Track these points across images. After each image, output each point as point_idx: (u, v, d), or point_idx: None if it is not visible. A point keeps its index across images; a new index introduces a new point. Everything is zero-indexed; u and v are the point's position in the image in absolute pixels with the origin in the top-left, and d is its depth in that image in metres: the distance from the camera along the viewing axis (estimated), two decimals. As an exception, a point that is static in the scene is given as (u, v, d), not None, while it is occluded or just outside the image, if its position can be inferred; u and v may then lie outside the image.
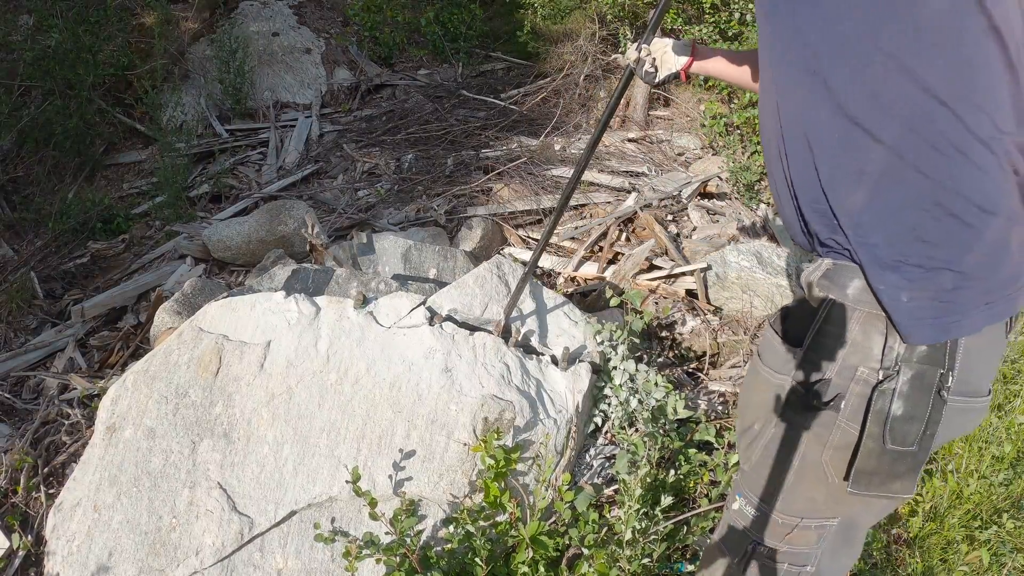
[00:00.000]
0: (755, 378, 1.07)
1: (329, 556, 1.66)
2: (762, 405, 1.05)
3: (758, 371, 1.06)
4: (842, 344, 0.92)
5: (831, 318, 0.94)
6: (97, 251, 3.74)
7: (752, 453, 1.07)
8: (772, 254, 2.92)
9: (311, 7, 6.20)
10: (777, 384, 1.01)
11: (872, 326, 0.90)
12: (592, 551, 1.56)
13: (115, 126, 4.86)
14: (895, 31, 0.81)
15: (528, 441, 1.80)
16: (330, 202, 3.99)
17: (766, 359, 1.05)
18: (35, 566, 1.87)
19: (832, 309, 0.93)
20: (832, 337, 0.93)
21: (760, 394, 1.05)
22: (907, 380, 0.88)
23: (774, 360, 1.03)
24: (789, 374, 0.99)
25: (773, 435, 1.03)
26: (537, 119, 4.72)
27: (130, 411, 1.84)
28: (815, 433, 0.97)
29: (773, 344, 1.04)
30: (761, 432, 1.05)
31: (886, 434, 0.89)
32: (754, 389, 1.08)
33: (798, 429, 0.99)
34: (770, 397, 1.03)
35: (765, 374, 1.04)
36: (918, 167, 0.84)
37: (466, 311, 2.06)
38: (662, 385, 2.03)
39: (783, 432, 1.01)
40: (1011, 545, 1.92)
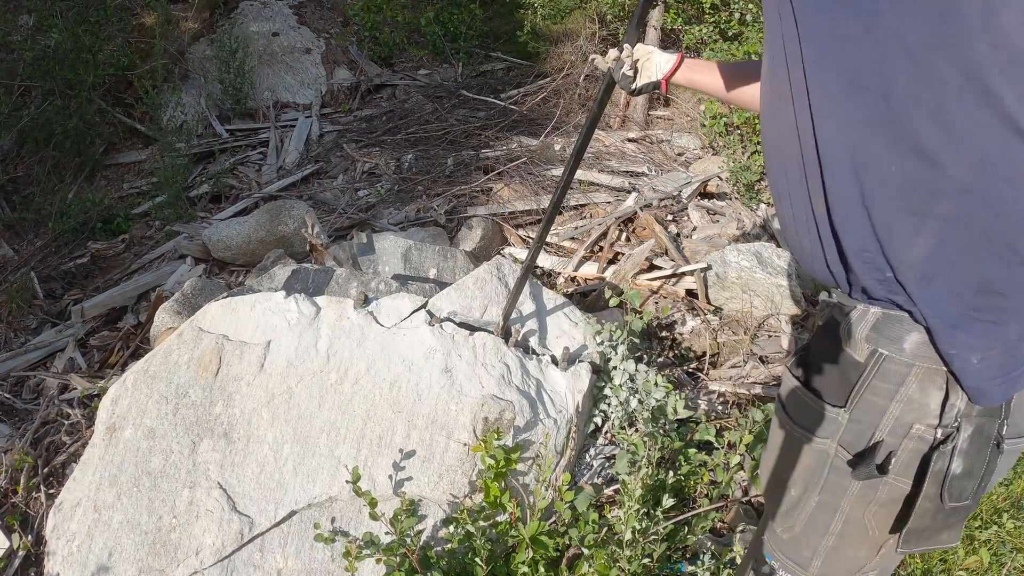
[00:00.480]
0: (788, 440, 0.97)
1: (329, 556, 1.66)
2: (801, 470, 0.96)
3: (791, 433, 0.96)
4: (895, 402, 0.83)
5: (883, 374, 0.83)
6: (97, 251, 3.74)
7: (793, 522, 0.99)
8: (772, 254, 2.92)
9: (311, 7, 6.20)
10: (819, 449, 0.92)
11: (931, 382, 0.82)
12: (592, 551, 1.56)
13: (115, 126, 4.86)
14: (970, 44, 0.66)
15: (528, 441, 1.80)
16: (330, 202, 3.99)
17: (799, 419, 0.94)
18: (35, 566, 1.87)
19: (884, 364, 0.83)
20: (884, 395, 0.84)
21: (798, 457, 0.96)
22: (967, 436, 0.82)
23: (810, 421, 0.92)
24: (831, 437, 0.90)
25: (818, 502, 0.94)
26: (537, 119, 4.73)
27: (130, 411, 1.84)
28: (861, 494, 0.90)
29: (806, 402, 0.93)
30: (803, 500, 0.96)
31: (944, 493, 0.84)
32: (788, 451, 0.98)
33: (843, 492, 0.91)
34: (811, 462, 0.94)
35: (800, 436, 0.94)
36: (992, 206, 0.72)
37: (465, 313, 2.06)
38: (662, 385, 2.03)
39: (828, 498, 0.93)
40: (1011, 545, 1.93)
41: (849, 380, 0.86)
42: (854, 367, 0.86)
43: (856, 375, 0.85)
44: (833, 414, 0.89)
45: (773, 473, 1.03)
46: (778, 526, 1.03)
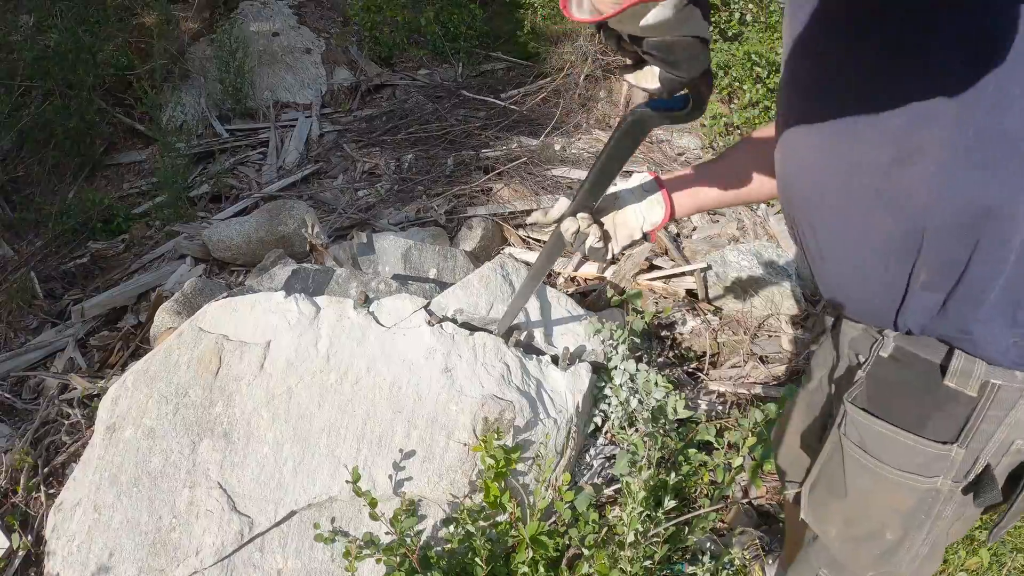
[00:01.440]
0: (880, 483, 0.93)
1: (329, 556, 1.66)
2: (897, 511, 0.93)
3: (884, 477, 0.92)
4: (1004, 425, 0.84)
5: (997, 403, 0.83)
6: (97, 251, 3.74)
7: (891, 565, 0.98)
8: (772, 254, 2.92)
9: (311, 7, 6.20)
10: (926, 488, 0.90)
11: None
12: (592, 551, 1.56)
13: (115, 126, 4.86)
14: None
15: (528, 441, 1.80)
16: (330, 202, 3.99)
17: (894, 461, 0.91)
18: (35, 566, 1.87)
19: (999, 394, 0.83)
20: (995, 422, 0.84)
21: (893, 501, 0.93)
22: None
23: (912, 461, 0.90)
24: (942, 474, 0.88)
25: (924, 540, 0.94)
26: (537, 119, 4.72)
27: (130, 411, 1.84)
28: (953, 515, 0.92)
29: (901, 441, 0.90)
30: (905, 541, 0.95)
31: None
32: (880, 495, 0.94)
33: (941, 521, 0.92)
34: (911, 503, 0.91)
35: (898, 479, 0.91)
36: None
37: (471, 311, 2.06)
38: (662, 385, 2.03)
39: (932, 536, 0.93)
40: (1011, 545, 1.92)
41: (957, 415, 0.85)
42: (965, 402, 0.84)
43: (968, 409, 0.85)
44: (945, 451, 0.87)
45: (857, 521, 1.00)
46: (869, 571, 1.01)
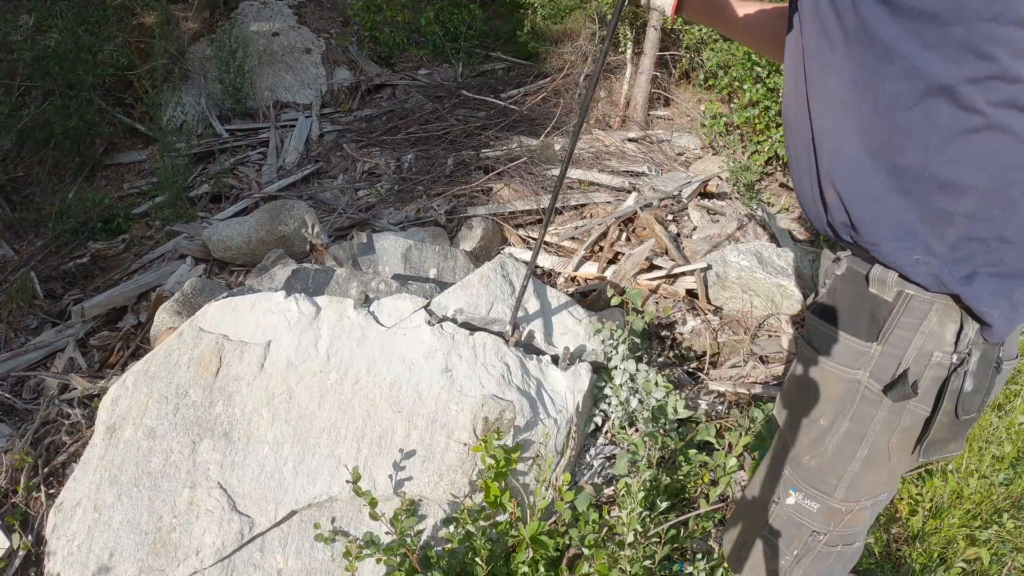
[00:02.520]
0: (820, 373, 1.06)
1: (329, 556, 1.66)
2: (831, 400, 1.05)
3: (822, 367, 1.06)
4: (919, 334, 0.95)
5: (910, 310, 0.95)
6: (97, 251, 3.74)
7: (822, 448, 1.08)
8: (772, 254, 2.92)
9: (311, 7, 6.20)
10: (850, 379, 1.02)
11: (948, 316, 0.94)
12: (592, 551, 1.56)
13: (115, 126, 4.86)
14: None
15: (528, 441, 1.80)
16: (330, 202, 3.99)
17: (831, 354, 1.05)
18: (35, 566, 1.87)
19: (911, 302, 0.95)
20: (909, 328, 0.96)
21: (828, 389, 1.06)
22: (976, 360, 0.94)
23: (843, 355, 1.03)
24: (864, 368, 1.00)
25: (847, 430, 1.04)
26: (537, 119, 4.72)
27: (130, 411, 1.84)
28: (886, 421, 1.01)
29: (837, 338, 1.04)
30: (833, 427, 1.06)
31: (958, 408, 0.96)
32: (819, 384, 1.08)
33: (870, 420, 1.02)
34: (841, 392, 1.04)
35: (833, 370, 1.04)
36: None
37: (472, 311, 2.06)
38: (662, 385, 2.03)
39: (855, 426, 1.03)
40: (1011, 545, 1.92)
41: (878, 318, 0.98)
42: (883, 306, 0.97)
43: (886, 312, 0.97)
44: (865, 347, 1.00)
45: (799, 407, 1.12)
46: (805, 454, 1.11)
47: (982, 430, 2.21)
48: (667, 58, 4.85)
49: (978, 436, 2.19)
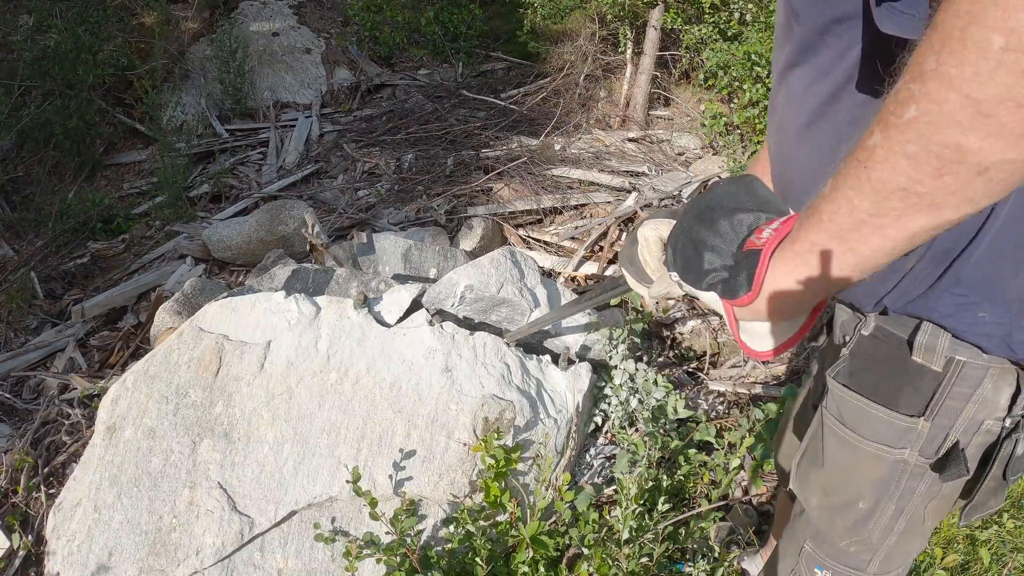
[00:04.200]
0: (857, 453, 0.95)
1: (329, 556, 1.66)
2: (870, 482, 0.95)
3: (857, 448, 0.95)
4: (971, 403, 0.85)
5: (963, 380, 0.84)
6: (97, 251, 3.74)
7: (866, 535, 0.99)
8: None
9: (311, 7, 6.20)
10: (895, 459, 0.92)
11: (1004, 380, 0.84)
12: (592, 551, 1.56)
13: (115, 126, 4.86)
14: None
15: (528, 441, 1.80)
16: (330, 202, 3.99)
17: (867, 433, 0.93)
18: (35, 566, 1.87)
19: (964, 370, 0.83)
20: (961, 399, 0.85)
21: (868, 471, 0.95)
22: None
23: (885, 433, 0.91)
24: (910, 447, 0.90)
25: (894, 511, 0.96)
26: (537, 119, 4.73)
27: (130, 411, 1.84)
28: (927, 492, 0.93)
29: (873, 414, 0.92)
30: (876, 510, 0.97)
31: (1007, 473, 0.88)
32: (854, 466, 0.97)
33: (911, 494, 0.94)
34: (884, 473, 0.94)
35: (874, 450, 0.93)
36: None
37: (482, 288, 2.07)
38: (662, 385, 2.03)
39: (900, 503, 0.95)
40: (1011, 545, 1.92)
41: (924, 389, 0.86)
42: (930, 377, 0.85)
43: (934, 384, 0.85)
44: (912, 424, 0.89)
45: (834, 490, 1.02)
46: (842, 540, 1.02)
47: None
48: (667, 58, 4.85)
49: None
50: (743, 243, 0.69)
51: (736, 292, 0.67)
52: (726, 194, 0.77)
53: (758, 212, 0.73)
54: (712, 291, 0.71)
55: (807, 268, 0.62)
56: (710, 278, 0.71)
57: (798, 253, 0.62)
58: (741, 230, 0.72)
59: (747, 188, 0.77)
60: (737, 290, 0.66)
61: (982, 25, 0.43)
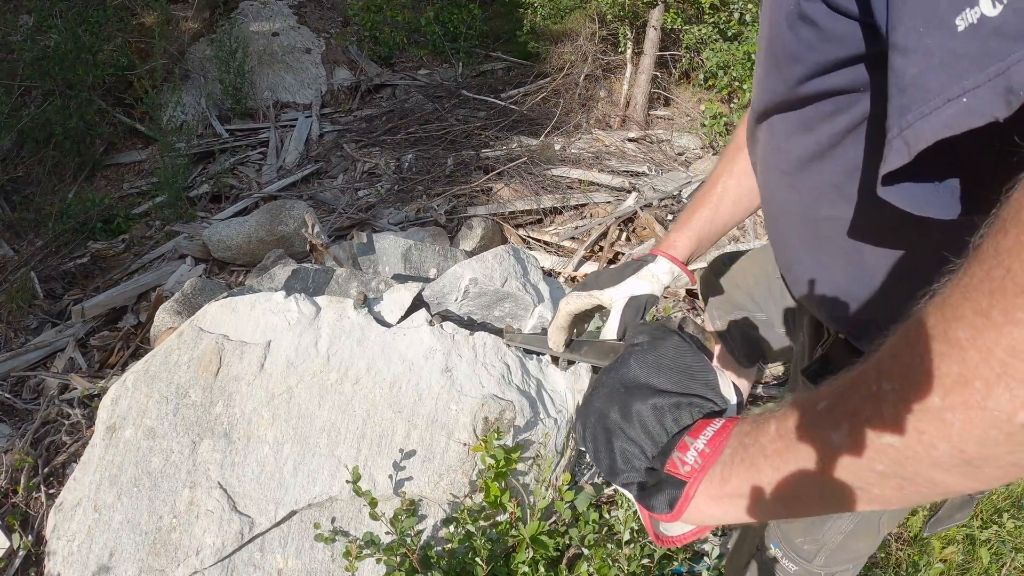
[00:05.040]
0: None
1: (329, 556, 1.66)
2: None
3: None
4: None
5: None
6: (97, 251, 3.74)
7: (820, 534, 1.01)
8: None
9: (311, 7, 6.20)
10: None
11: None
12: (592, 551, 1.56)
13: (115, 126, 4.86)
14: None
15: (528, 441, 1.80)
16: (330, 202, 3.99)
17: None
18: (35, 566, 1.87)
19: None
20: None
21: None
22: None
23: None
24: None
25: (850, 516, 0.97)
26: (537, 119, 4.73)
27: (130, 411, 1.84)
28: None
29: None
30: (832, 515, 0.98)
31: None
32: None
33: None
34: None
35: None
36: None
37: (487, 282, 2.07)
38: (662, 385, 2.02)
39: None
40: (1011, 545, 1.92)
41: None
42: None
43: None
44: None
45: None
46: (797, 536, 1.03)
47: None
48: (667, 58, 4.85)
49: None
50: (667, 453, 0.59)
51: (652, 508, 0.59)
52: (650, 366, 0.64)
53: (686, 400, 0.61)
54: (627, 491, 0.63)
55: (734, 509, 0.56)
56: (623, 478, 0.62)
57: (728, 495, 0.55)
58: (660, 429, 0.60)
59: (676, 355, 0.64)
60: (654, 507, 0.59)
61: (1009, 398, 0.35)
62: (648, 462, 0.60)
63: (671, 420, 0.60)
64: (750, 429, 0.53)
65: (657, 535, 0.63)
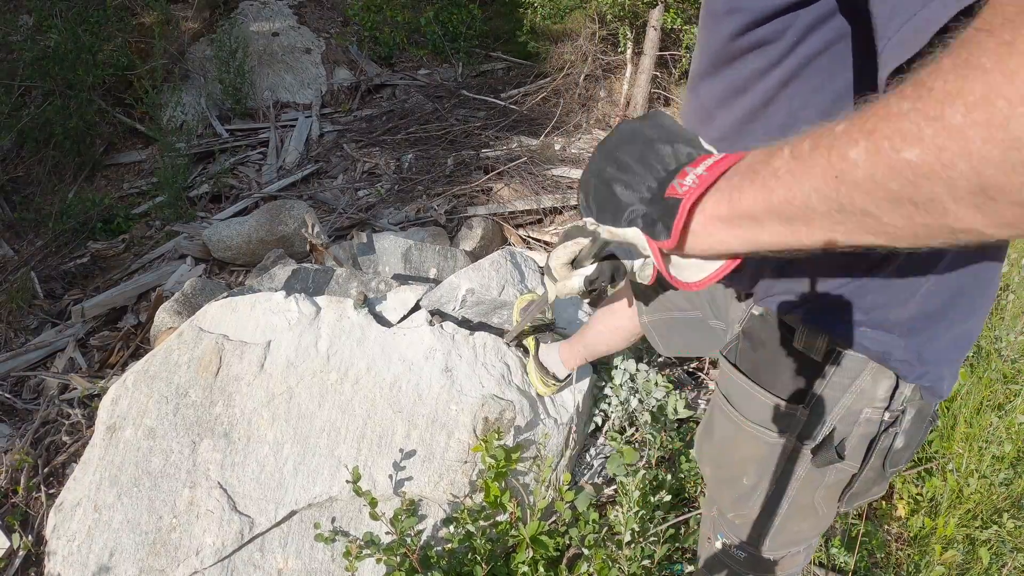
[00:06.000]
0: (740, 433, 0.96)
1: (329, 556, 1.66)
2: (753, 460, 0.96)
3: (740, 427, 0.96)
4: (849, 393, 0.85)
5: (841, 370, 0.84)
6: (97, 251, 3.74)
7: (747, 508, 1.01)
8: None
9: (311, 7, 6.20)
10: (772, 443, 0.92)
11: (883, 373, 0.83)
12: (592, 551, 1.56)
13: (115, 126, 4.86)
14: None
15: (528, 441, 1.80)
16: (330, 202, 3.99)
17: (749, 413, 0.94)
18: (35, 566, 1.87)
19: (843, 361, 0.84)
20: (839, 388, 0.85)
21: (750, 450, 0.96)
22: (911, 418, 0.86)
23: (762, 415, 0.92)
24: (790, 431, 0.90)
25: (773, 491, 0.97)
26: (537, 119, 4.73)
27: (130, 411, 1.84)
28: (808, 479, 0.93)
29: (756, 396, 0.92)
30: (757, 488, 0.98)
31: (886, 464, 0.89)
32: (736, 444, 0.98)
33: (792, 478, 0.94)
34: (763, 454, 0.94)
35: (754, 431, 0.94)
36: None
37: (483, 291, 2.07)
38: (662, 385, 2.03)
39: (779, 485, 0.96)
40: (1011, 545, 1.92)
41: (805, 378, 0.87)
42: (810, 365, 0.86)
43: (814, 373, 0.86)
44: (791, 411, 0.89)
45: (719, 463, 1.04)
46: (729, 511, 1.04)
47: (982, 430, 2.21)
48: (667, 58, 4.85)
49: (978, 436, 2.19)
50: (666, 182, 0.62)
51: (655, 235, 0.62)
52: (633, 131, 0.68)
53: (676, 144, 0.65)
54: (633, 226, 0.65)
55: (742, 232, 0.56)
56: (629, 213, 0.64)
57: (738, 216, 0.56)
58: (659, 164, 0.64)
59: (656, 122, 0.68)
60: (657, 233, 0.62)
61: None
62: (649, 192, 0.63)
63: (668, 154, 0.64)
64: (762, 156, 0.54)
65: (672, 276, 0.66)
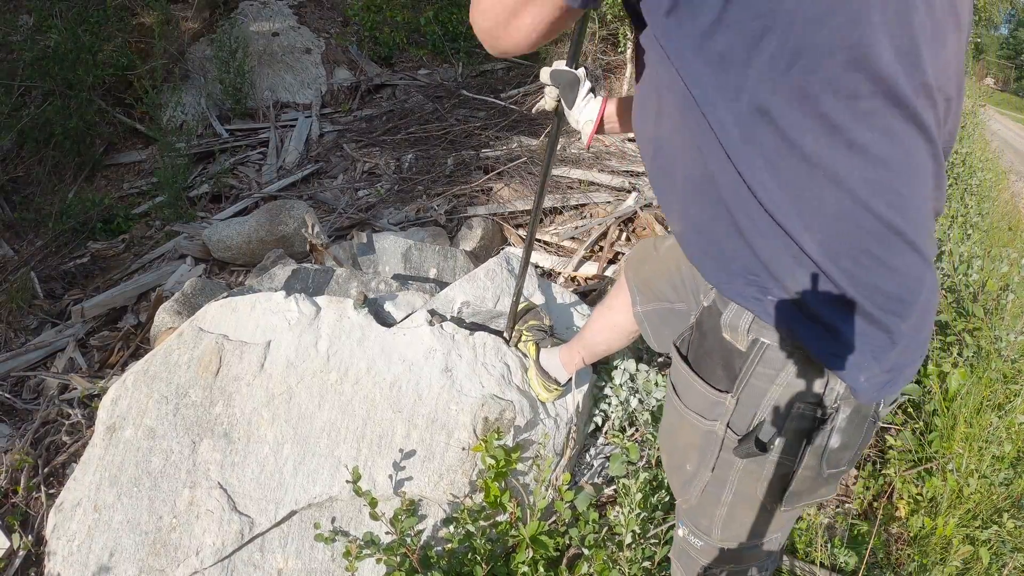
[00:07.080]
0: (680, 421, 1.00)
1: (329, 556, 1.66)
2: (691, 448, 0.99)
3: (682, 415, 0.99)
4: (776, 385, 0.86)
5: (765, 361, 0.86)
6: (97, 251, 3.74)
7: (690, 494, 1.04)
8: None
9: (311, 7, 6.20)
10: (706, 430, 0.95)
11: (811, 368, 0.84)
12: (592, 551, 1.56)
13: (115, 126, 4.86)
14: None
15: (528, 441, 1.80)
16: (330, 202, 3.99)
17: (688, 401, 0.97)
18: (35, 566, 1.87)
19: (766, 352, 0.85)
20: (765, 380, 0.87)
21: (688, 437, 0.99)
22: (846, 416, 0.86)
23: (698, 403, 0.95)
24: (720, 419, 0.92)
25: (711, 477, 0.98)
26: (537, 119, 4.73)
27: (130, 411, 1.84)
28: (748, 470, 0.94)
29: (694, 385, 0.95)
30: (697, 474, 1.00)
31: (823, 463, 0.89)
32: (679, 431, 1.01)
33: (730, 468, 0.95)
34: (699, 441, 0.97)
35: (691, 419, 0.97)
36: None
37: (479, 303, 2.07)
38: (662, 385, 2.03)
39: (718, 473, 0.97)
40: (1011, 545, 1.92)
41: (733, 367, 0.89)
42: (738, 355, 0.88)
43: (740, 363, 0.88)
44: (721, 399, 0.91)
45: (670, 450, 1.07)
46: (678, 496, 1.08)
47: (982, 430, 2.21)
48: (667, 58, 4.85)
49: (978, 436, 2.19)
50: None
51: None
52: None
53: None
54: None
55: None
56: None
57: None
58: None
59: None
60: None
61: None
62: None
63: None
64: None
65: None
